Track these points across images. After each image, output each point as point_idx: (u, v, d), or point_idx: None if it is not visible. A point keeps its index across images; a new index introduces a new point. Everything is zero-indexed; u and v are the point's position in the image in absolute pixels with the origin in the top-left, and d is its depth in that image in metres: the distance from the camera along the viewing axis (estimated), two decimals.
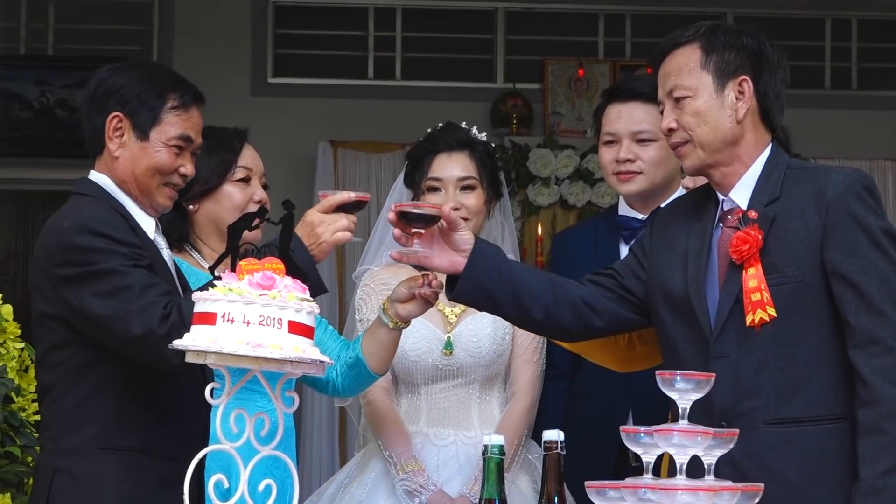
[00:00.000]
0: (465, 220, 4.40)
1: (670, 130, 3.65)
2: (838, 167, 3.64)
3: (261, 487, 3.08)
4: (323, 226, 3.66)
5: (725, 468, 3.44)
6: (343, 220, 3.67)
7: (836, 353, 3.51)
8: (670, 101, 3.65)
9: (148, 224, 3.71)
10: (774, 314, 3.50)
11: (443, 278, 3.79)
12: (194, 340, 2.98)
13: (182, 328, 3.39)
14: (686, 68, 3.63)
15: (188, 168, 3.70)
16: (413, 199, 4.50)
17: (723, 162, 3.62)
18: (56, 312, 3.59)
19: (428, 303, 3.86)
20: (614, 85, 4.87)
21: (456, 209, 4.39)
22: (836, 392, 3.50)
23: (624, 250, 4.51)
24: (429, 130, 4.54)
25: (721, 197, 3.66)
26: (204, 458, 3.27)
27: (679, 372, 3.36)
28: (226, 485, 3.18)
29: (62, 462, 3.57)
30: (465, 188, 4.42)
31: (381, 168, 8.82)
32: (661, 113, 3.69)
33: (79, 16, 9.24)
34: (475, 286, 3.69)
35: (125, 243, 3.51)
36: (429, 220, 3.63)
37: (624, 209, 4.60)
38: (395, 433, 4.36)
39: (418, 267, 3.88)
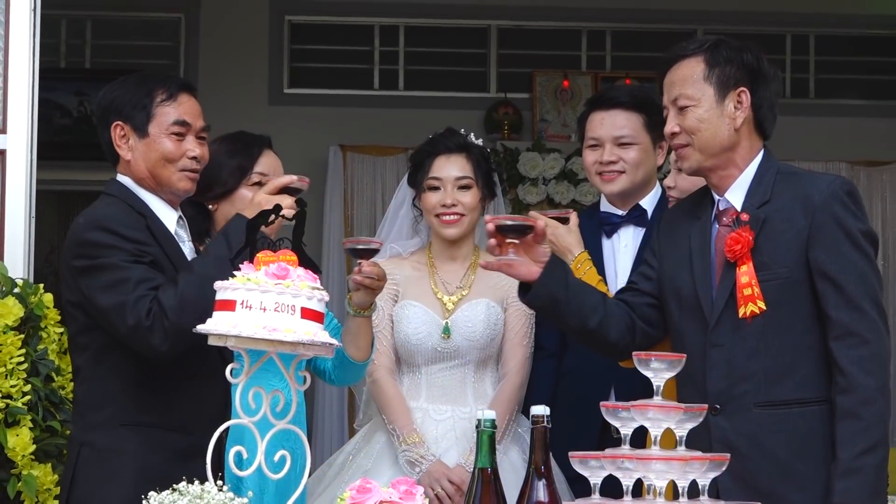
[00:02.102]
0: (462, 215, 4.39)
1: (673, 134, 3.64)
2: (823, 173, 3.65)
3: (276, 458, 3.07)
4: (270, 203, 3.57)
5: (720, 447, 3.46)
6: (287, 199, 3.61)
7: (819, 342, 3.50)
8: (674, 108, 3.64)
9: (170, 219, 3.69)
10: (764, 307, 3.49)
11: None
12: (216, 325, 2.98)
13: (163, 318, 3.39)
14: (690, 79, 3.62)
15: (196, 151, 3.67)
16: (415, 197, 4.49)
17: (720, 166, 3.62)
18: (76, 300, 3.59)
19: (369, 288, 3.90)
20: (597, 94, 4.84)
21: (453, 205, 4.39)
22: (819, 377, 3.48)
23: (605, 244, 4.51)
24: (430, 136, 4.53)
25: (717, 197, 3.65)
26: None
27: (654, 353, 3.36)
28: (244, 455, 3.18)
29: (87, 436, 3.57)
30: (462, 187, 4.41)
31: (385, 170, 8.80)
32: (665, 117, 3.68)
33: (113, 33, 9.22)
34: (546, 293, 3.66)
35: (130, 240, 3.50)
36: (523, 231, 3.61)
37: (605, 206, 4.58)
38: (398, 409, 4.35)
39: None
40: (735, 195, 3.61)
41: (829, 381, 3.50)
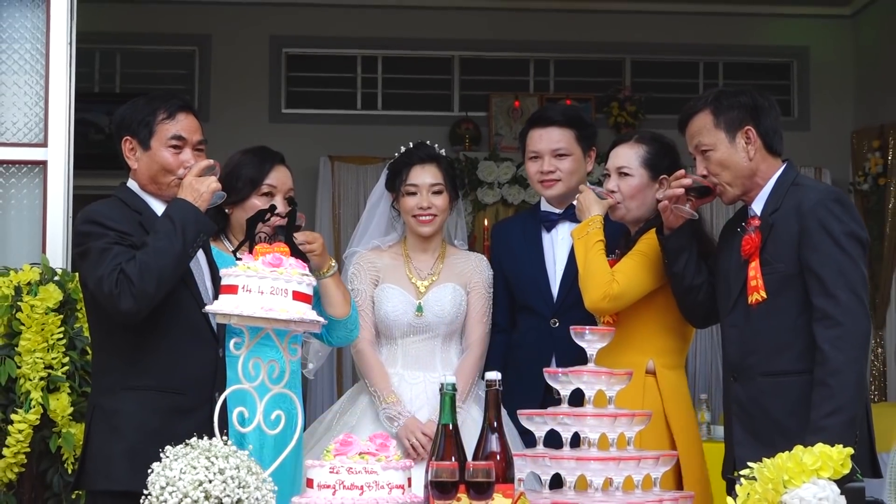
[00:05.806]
0: (436, 216, 4.38)
1: (704, 176, 3.68)
2: (820, 186, 3.66)
3: (272, 417, 3.06)
4: (198, 182, 3.53)
5: (735, 407, 3.57)
6: (212, 177, 3.57)
7: (810, 324, 3.48)
8: (699, 153, 3.69)
9: None
10: (765, 296, 3.52)
11: None
12: (222, 306, 2.97)
13: (129, 284, 3.34)
14: (704, 129, 3.65)
15: (191, 161, 3.59)
16: (393, 202, 4.46)
17: (748, 189, 3.66)
18: (82, 282, 3.56)
19: (311, 253, 3.83)
20: (535, 114, 4.72)
21: (428, 207, 4.37)
22: (810, 353, 3.45)
23: (545, 237, 4.49)
24: (402, 148, 4.51)
25: (749, 207, 3.69)
26: (218, 394, 3.26)
27: (587, 327, 3.36)
28: (246, 415, 3.17)
29: (97, 400, 3.53)
30: (435, 192, 4.39)
31: (367, 176, 8.78)
32: (694, 160, 3.73)
33: (139, 62, 9.19)
34: (678, 238, 3.79)
35: (112, 229, 3.45)
36: (704, 193, 3.74)
37: (545, 206, 4.55)
38: (379, 374, 4.34)
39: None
40: (758, 205, 3.64)
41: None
